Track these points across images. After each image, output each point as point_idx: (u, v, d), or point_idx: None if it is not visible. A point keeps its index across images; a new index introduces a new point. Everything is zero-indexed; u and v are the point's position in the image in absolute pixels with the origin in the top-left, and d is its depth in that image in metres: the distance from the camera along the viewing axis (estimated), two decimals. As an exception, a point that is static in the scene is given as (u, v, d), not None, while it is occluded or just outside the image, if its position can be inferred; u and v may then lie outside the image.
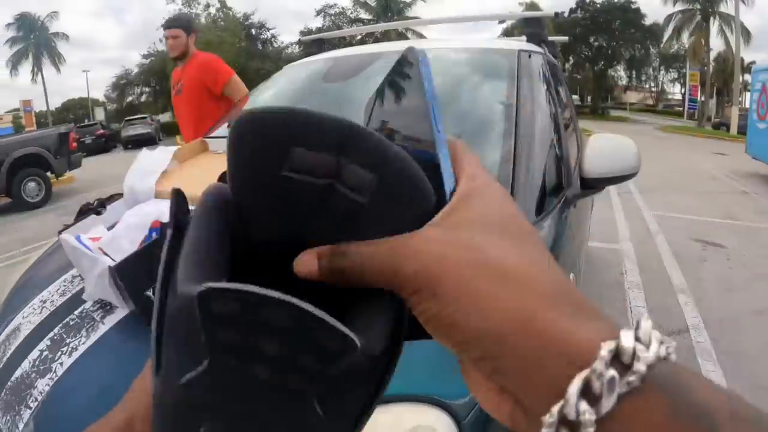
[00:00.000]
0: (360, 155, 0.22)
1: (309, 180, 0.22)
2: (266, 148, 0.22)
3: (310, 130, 0.22)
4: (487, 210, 0.23)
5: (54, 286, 1.21)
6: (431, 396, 0.69)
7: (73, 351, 0.92)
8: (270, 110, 0.22)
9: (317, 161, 0.21)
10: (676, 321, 2.92)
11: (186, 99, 2.87)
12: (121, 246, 1.01)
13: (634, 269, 3.77)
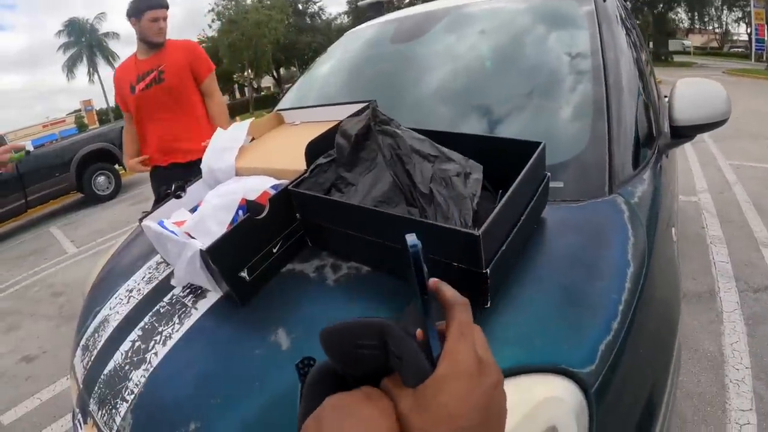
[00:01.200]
0: (391, 341, 0.38)
1: (369, 351, 0.40)
2: (341, 344, 0.41)
3: (361, 331, 0.40)
4: (438, 401, 0.36)
5: (139, 274, 1.21)
6: (557, 365, 0.65)
7: (167, 339, 0.91)
8: (337, 325, 0.41)
9: (373, 345, 0.40)
10: (762, 277, 2.72)
11: (168, 89, 2.44)
12: (209, 228, 0.98)
13: (714, 222, 3.55)
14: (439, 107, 1.46)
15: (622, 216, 0.92)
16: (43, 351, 3.23)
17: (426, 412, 0.37)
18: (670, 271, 1.04)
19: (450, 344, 0.39)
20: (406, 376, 0.39)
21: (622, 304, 0.74)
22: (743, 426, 1.75)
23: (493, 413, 0.38)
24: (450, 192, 0.71)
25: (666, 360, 0.91)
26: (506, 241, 0.71)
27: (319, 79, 2.14)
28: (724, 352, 2.14)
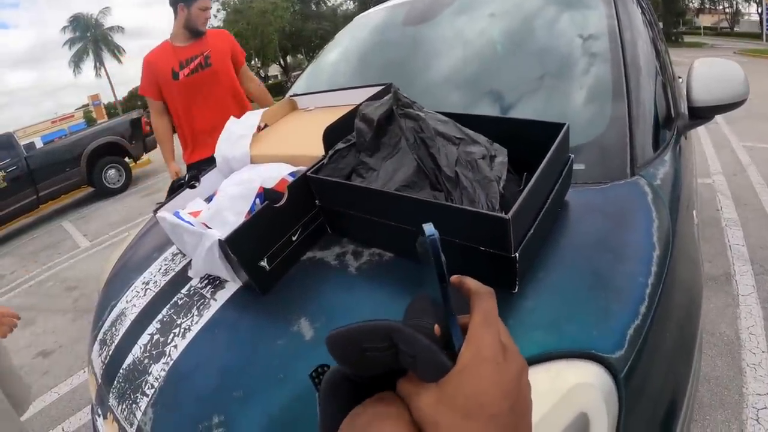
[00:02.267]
0: (401, 342, 0.37)
1: (378, 354, 0.39)
2: (348, 348, 0.39)
3: (369, 335, 0.39)
4: (465, 392, 0.36)
5: (155, 266, 1.21)
6: (587, 351, 0.64)
7: (186, 332, 0.90)
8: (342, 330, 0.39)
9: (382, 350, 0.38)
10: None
11: (215, 73, 2.50)
12: (226, 218, 0.98)
13: (729, 204, 3.51)
14: (454, 91, 1.44)
15: (646, 198, 0.91)
16: (60, 345, 3.27)
17: (453, 405, 0.36)
18: (693, 253, 1.03)
19: (473, 332, 0.39)
20: (424, 373, 0.38)
21: (648, 288, 0.73)
22: (760, 410, 1.74)
23: (521, 401, 0.38)
24: (476, 175, 0.70)
25: (690, 345, 0.90)
26: (533, 225, 0.70)
27: (330, 64, 2.12)
28: (740, 335, 2.12)
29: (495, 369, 0.37)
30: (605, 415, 0.62)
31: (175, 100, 2.53)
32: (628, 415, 0.65)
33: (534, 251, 0.75)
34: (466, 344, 0.38)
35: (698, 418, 1.74)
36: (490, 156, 0.74)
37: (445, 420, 0.35)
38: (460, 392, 0.36)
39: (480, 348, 0.37)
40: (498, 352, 0.38)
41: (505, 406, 0.36)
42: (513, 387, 0.37)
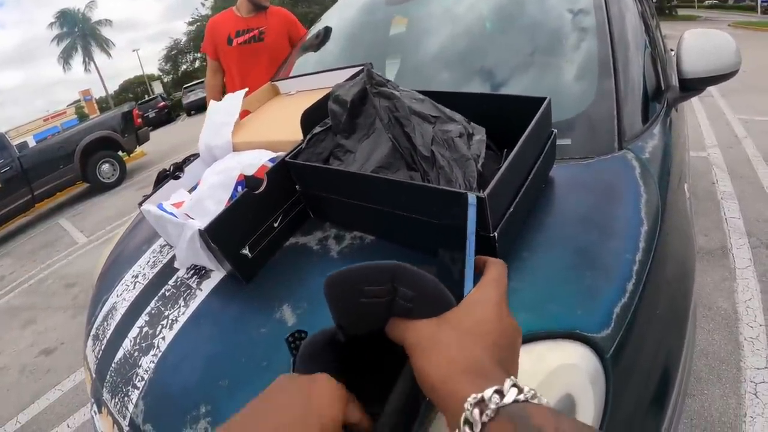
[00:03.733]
0: (405, 282, 0.40)
1: (374, 300, 0.41)
2: (346, 291, 0.41)
3: (371, 275, 0.40)
4: (471, 319, 0.39)
5: (143, 259, 1.20)
6: (572, 331, 0.62)
7: (173, 323, 0.90)
8: (344, 270, 0.40)
9: (381, 292, 0.40)
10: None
11: (270, 47, 2.74)
12: (207, 208, 0.97)
13: (725, 178, 3.49)
14: (439, 68, 1.42)
15: (633, 172, 0.88)
16: (61, 342, 3.28)
17: (457, 326, 0.40)
18: (684, 227, 1.01)
19: (484, 282, 0.44)
20: (423, 312, 0.41)
21: (636, 265, 0.71)
22: (758, 384, 1.74)
23: (516, 352, 0.41)
24: (453, 154, 0.67)
25: (682, 320, 0.88)
26: (513, 203, 0.68)
27: (315, 47, 2.09)
28: (737, 309, 2.11)
29: (499, 312, 0.41)
30: (591, 396, 0.60)
31: (229, 64, 2.81)
32: (616, 395, 0.63)
33: (515, 230, 0.73)
34: (475, 290, 0.43)
35: (696, 393, 1.73)
36: (467, 134, 0.72)
37: (447, 336, 0.39)
38: (464, 318, 0.40)
39: (488, 293, 0.42)
40: (503, 302, 0.42)
41: (504, 341, 0.39)
42: (511, 332, 0.41)
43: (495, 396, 0.32)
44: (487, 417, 0.31)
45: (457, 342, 0.38)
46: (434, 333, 0.39)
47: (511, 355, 0.40)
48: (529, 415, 0.30)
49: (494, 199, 0.61)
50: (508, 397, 0.31)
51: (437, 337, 0.39)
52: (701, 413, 1.67)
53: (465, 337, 0.38)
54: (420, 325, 0.40)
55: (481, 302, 0.41)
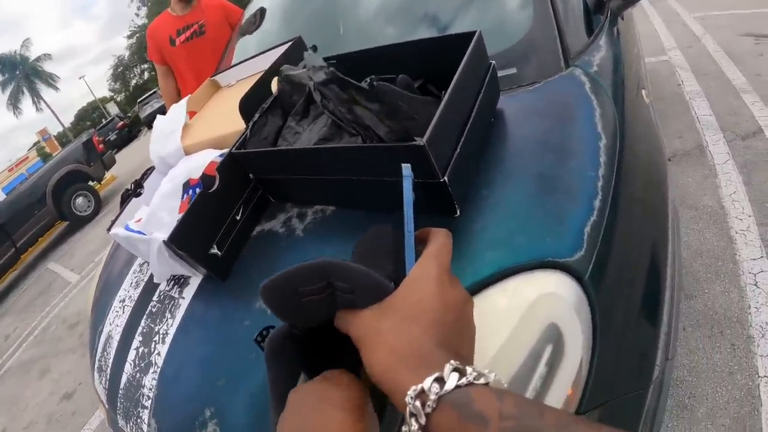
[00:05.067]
0: (337, 276, 0.40)
1: (317, 300, 0.41)
2: (285, 296, 0.41)
3: (303, 276, 0.40)
4: (410, 301, 0.39)
5: (126, 282, 1.20)
6: (544, 259, 0.60)
7: (164, 337, 0.90)
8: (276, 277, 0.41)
9: (318, 290, 0.41)
10: (748, 123, 2.67)
11: (213, 38, 2.71)
12: (161, 219, 0.96)
13: (690, 77, 3.47)
14: (381, 23, 1.38)
15: (584, 88, 0.86)
16: (78, 383, 3.27)
17: (396, 311, 0.39)
18: (648, 133, 1.00)
19: (424, 258, 0.43)
20: (364, 301, 0.40)
21: (600, 180, 0.70)
22: (757, 274, 1.76)
23: (465, 325, 0.40)
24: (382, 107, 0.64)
25: (661, 224, 0.88)
26: (459, 144, 0.65)
27: (253, 29, 2.03)
28: (724, 204, 2.13)
29: (439, 286, 0.39)
30: (577, 321, 0.59)
31: (178, 65, 2.81)
32: (603, 313, 0.62)
33: (468, 170, 0.71)
34: (415, 266, 0.42)
35: (696, 294, 1.75)
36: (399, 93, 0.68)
37: (386, 324, 0.38)
38: (404, 301, 0.39)
39: (428, 268, 0.41)
40: (444, 274, 0.41)
41: (447, 318, 0.38)
42: (456, 307, 0.39)
43: (435, 385, 0.31)
44: (430, 408, 0.31)
45: (396, 329, 0.37)
46: (375, 323, 0.38)
47: (459, 330, 0.39)
48: (471, 401, 0.30)
49: (435, 145, 0.59)
50: (449, 383, 0.31)
51: (377, 326, 0.38)
52: (705, 312, 1.69)
53: (404, 322, 0.37)
54: (362, 316, 0.40)
55: (420, 280, 0.40)
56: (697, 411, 1.42)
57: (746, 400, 1.41)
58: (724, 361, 1.53)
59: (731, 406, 1.41)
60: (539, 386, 0.55)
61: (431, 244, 0.44)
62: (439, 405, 0.30)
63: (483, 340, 0.55)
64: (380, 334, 0.37)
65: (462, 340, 0.38)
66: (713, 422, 1.38)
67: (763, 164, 2.29)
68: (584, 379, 0.60)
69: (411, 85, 0.76)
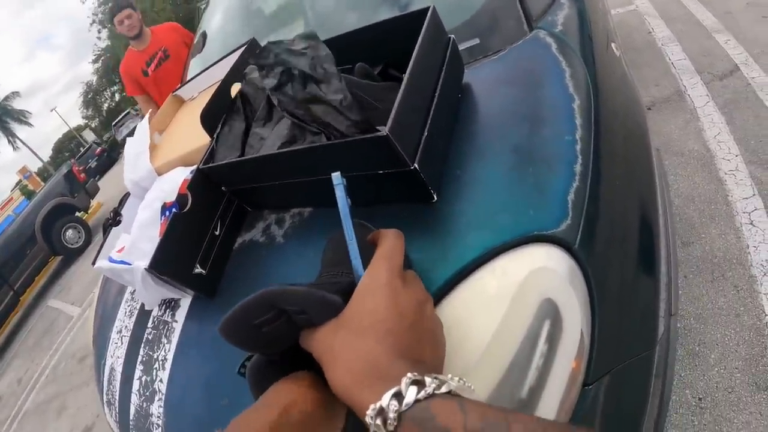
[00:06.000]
0: (284, 302, 0.40)
1: (276, 326, 0.41)
2: (242, 332, 0.42)
3: (252, 310, 0.41)
4: (362, 313, 0.38)
5: (121, 312, 1.19)
6: (529, 234, 0.58)
7: (164, 363, 0.89)
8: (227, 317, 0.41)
9: (272, 318, 0.41)
10: (723, 63, 2.65)
11: (175, 63, 2.94)
12: (142, 249, 0.94)
13: (659, 24, 3.43)
14: (342, 12, 1.36)
15: (550, 50, 0.83)
16: (96, 415, 3.26)
17: (349, 326, 0.38)
18: (623, 86, 0.98)
19: (373, 264, 0.42)
20: (320, 318, 0.40)
21: (579, 143, 0.67)
22: (751, 213, 1.75)
23: (424, 327, 0.39)
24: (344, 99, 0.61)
25: (647, 177, 0.86)
26: (426, 126, 0.63)
27: (212, 39, 1.99)
28: (709, 147, 2.12)
29: (391, 292, 0.38)
30: (572, 292, 0.57)
31: (153, 93, 3.06)
32: (599, 282, 0.60)
33: (440, 152, 0.68)
34: (365, 275, 0.41)
35: (693, 240, 1.75)
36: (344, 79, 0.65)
37: (339, 341, 0.37)
38: (356, 314, 0.38)
39: (377, 275, 0.40)
40: (394, 278, 0.40)
41: (403, 324, 0.37)
42: (411, 310, 0.38)
43: (393, 402, 0.30)
44: (392, 426, 0.30)
45: (351, 344, 0.36)
46: (330, 340, 0.38)
47: (419, 334, 0.37)
48: (434, 416, 0.29)
49: (400, 132, 0.56)
50: (408, 397, 0.30)
51: (332, 343, 0.38)
52: (704, 257, 1.68)
53: (358, 336, 0.36)
54: (320, 334, 0.40)
55: (370, 288, 0.40)
56: (708, 357, 1.42)
57: (756, 340, 1.41)
58: (729, 304, 1.53)
59: (741, 348, 1.41)
60: (541, 364, 0.53)
61: (380, 248, 0.43)
62: (400, 422, 0.30)
63: (477, 325, 0.54)
64: (336, 351, 0.37)
65: (423, 345, 0.37)
66: (726, 366, 1.39)
67: (744, 102, 2.28)
68: (587, 349, 0.58)
69: (370, 72, 0.73)
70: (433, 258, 0.59)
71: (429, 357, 0.37)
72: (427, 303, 0.41)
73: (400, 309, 0.37)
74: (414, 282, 0.42)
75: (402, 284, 0.40)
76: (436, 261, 0.59)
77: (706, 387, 1.36)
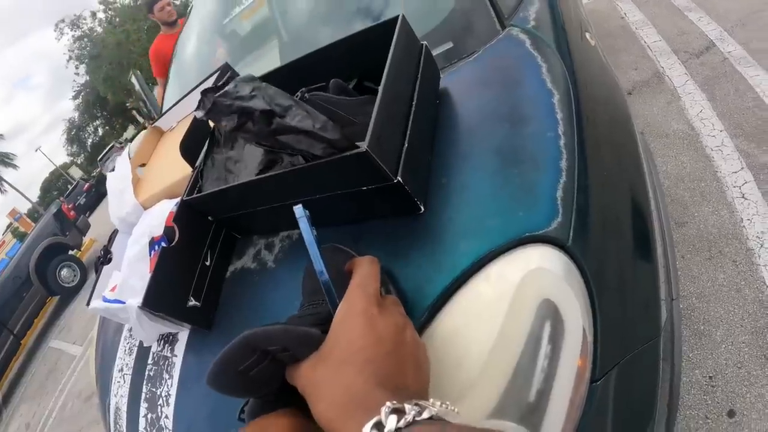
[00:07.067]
0: (265, 343, 0.40)
1: (258, 368, 0.41)
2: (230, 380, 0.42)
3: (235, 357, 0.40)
4: (340, 344, 0.39)
5: (120, 350, 1.18)
6: (522, 236, 0.57)
7: (168, 398, 0.88)
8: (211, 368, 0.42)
9: (256, 361, 0.41)
10: (698, 40, 2.67)
11: None
12: (134, 287, 0.93)
13: (631, 8, 3.45)
14: (316, 27, 1.35)
15: (524, 46, 0.83)
16: (106, 454, 3.23)
17: (329, 359, 0.38)
18: (601, 75, 0.98)
19: (348, 293, 0.42)
20: (302, 353, 0.40)
21: (562, 138, 0.67)
22: (742, 186, 1.75)
23: (403, 351, 0.39)
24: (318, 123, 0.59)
25: (634, 163, 0.86)
26: (406, 137, 0.62)
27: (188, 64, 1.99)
28: (693, 125, 2.13)
29: (367, 320, 0.39)
30: (570, 290, 0.56)
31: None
32: (596, 276, 0.60)
33: (423, 162, 0.68)
34: (340, 305, 0.42)
35: (687, 220, 1.75)
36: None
37: (320, 374, 0.38)
38: (335, 346, 0.39)
39: (353, 304, 0.41)
40: (370, 306, 0.40)
41: (381, 352, 0.37)
42: (390, 337, 0.38)
43: None
44: None
45: (331, 377, 0.37)
46: (312, 374, 0.39)
47: (399, 360, 0.38)
48: None
49: (379, 147, 0.55)
50: (389, 426, 0.30)
51: (314, 377, 0.38)
52: (700, 236, 1.68)
53: (337, 368, 0.37)
54: (302, 369, 0.40)
55: (346, 318, 0.40)
56: (714, 335, 1.42)
57: (760, 312, 1.42)
58: (729, 279, 1.53)
59: (747, 322, 1.41)
60: (546, 365, 0.53)
61: (354, 276, 0.44)
62: None
63: (477, 333, 0.53)
64: (318, 384, 0.37)
65: (405, 371, 0.37)
66: (733, 342, 1.38)
67: (723, 77, 2.30)
68: (591, 346, 0.57)
69: (345, 87, 0.72)
70: (427, 270, 0.59)
71: (412, 382, 0.37)
72: (407, 327, 0.41)
73: (378, 336, 0.38)
74: (392, 307, 0.43)
75: (378, 311, 0.40)
76: (430, 273, 0.58)
77: (716, 365, 1.36)
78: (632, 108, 2.41)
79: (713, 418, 1.27)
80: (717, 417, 1.27)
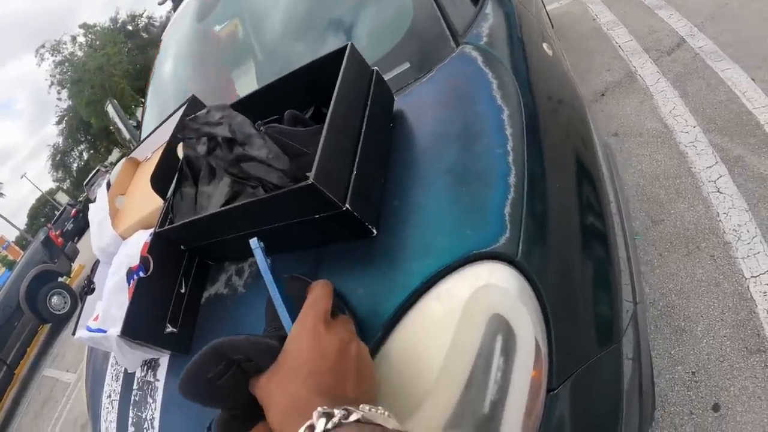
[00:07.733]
0: (231, 352, 0.43)
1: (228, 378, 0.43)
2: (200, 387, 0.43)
3: (204, 365, 0.43)
4: (290, 357, 0.43)
5: (108, 377, 1.19)
6: (470, 254, 0.59)
7: (153, 422, 0.89)
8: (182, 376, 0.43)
9: (223, 370, 0.43)
10: (669, 38, 2.73)
11: None
12: (114, 317, 0.95)
13: (602, 10, 3.52)
14: (289, 48, 1.37)
15: (476, 63, 0.85)
16: (102, 481, 3.19)
17: (280, 371, 0.42)
18: (558, 85, 1.00)
19: (301, 313, 0.47)
20: (264, 363, 0.43)
21: (510, 154, 0.69)
22: (717, 180, 1.78)
23: (348, 367, 0.43)
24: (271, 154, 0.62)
25: (591, 171, 0.87)
26: (355, 164, 0.63)
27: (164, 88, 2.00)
28: (666, 123, 2.16)
29: (314, 336, 0.43)
30: (520, 304, 0.58)
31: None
32: (548, 288, 0.61)
33: (374, 187, 0.69)
34: (294, 323, 0.46)
35: (664, 218, 1.77)
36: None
37: (274, 385, 0.41)
38: (286, 359, 0.43)
39: (303, 323, 0.45)
40: (318, 324, 0.45)
41: (324, 364, 0.41)
42: (333, 351, 0.43)
43: None
44: None
45: (281, 386, 0.41)
46: (267, 384, 0.42)
47: (342, 372, 0.42)
48: None
49: (326, 177, 0.57)
50: (318, 428, 0.33)
51: (268, 387, 0.42)
52: (677, 233, 1.71)
53: (286, 378, 0.41)
54: (261, 380, 0.43)
55: (295, 336, 0.44)
56: (695, 330, 1.44)
57: (740, 305, 1.44)
58: (707, 274, 1.55)
59: (727, 315, 1.43)
60: (500, 377, 0.54)
61: (308, 298, 0.48)
62: None
63: (429, 349, 0.55)
64: (270, 394, 0.41)
65: (345, 382, 0.41)
66: (714, 336, 1.40)
67: (695, 72, 2.34)
68: (545, 357, 0.59)
69: (300, 117, 0.74)
70: (381, 290, 0.60)
71: (352, 392, 0.41)
72: (351, 343, 0.45)
73: (323, 351, 0.42)
74: (341, 325, 0.47)
75: (325, 328, 0.44)
76: (384, 292, 0.60)
77: (697, 360, 1.38)
78: (606, 109, 2.45)
79: (698, 414, 1.28)
80: (702, 412, 1.28)
